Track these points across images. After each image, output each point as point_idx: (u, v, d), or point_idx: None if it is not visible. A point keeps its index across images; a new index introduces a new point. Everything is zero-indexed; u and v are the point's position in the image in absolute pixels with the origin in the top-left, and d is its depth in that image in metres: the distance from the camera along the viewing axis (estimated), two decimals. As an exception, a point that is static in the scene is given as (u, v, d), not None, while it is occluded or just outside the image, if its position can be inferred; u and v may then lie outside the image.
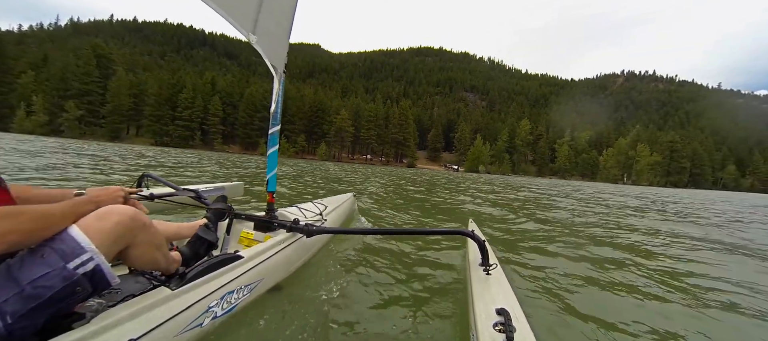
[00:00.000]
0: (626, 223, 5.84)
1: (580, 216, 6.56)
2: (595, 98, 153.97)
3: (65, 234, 0.80)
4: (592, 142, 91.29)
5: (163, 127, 63.45)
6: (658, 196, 18.44)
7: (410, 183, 13.84)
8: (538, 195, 12.20)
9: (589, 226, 5.21)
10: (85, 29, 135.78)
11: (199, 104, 65.30)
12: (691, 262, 3.18)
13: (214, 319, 1.19)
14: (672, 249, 3.75)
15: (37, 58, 71.68)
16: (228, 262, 1.32)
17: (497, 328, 0.94)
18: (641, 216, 7.33)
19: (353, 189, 8.10)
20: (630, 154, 75.66)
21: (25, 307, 0.71)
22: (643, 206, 10.19)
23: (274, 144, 1.97)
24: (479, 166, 76.62)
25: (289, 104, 73.41)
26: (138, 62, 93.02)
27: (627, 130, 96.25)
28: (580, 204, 9.30)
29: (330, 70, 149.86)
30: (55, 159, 9.48)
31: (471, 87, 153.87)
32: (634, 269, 2.74)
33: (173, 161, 14.66)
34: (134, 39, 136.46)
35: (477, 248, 1.52)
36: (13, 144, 15.90)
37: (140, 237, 0.95)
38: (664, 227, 5.62)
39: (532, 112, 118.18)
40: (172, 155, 20.99)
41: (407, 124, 79.17)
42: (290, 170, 15.87)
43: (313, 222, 2.04)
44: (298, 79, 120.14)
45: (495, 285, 1.30)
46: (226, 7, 1.36)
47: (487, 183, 20.94)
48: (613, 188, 31.07)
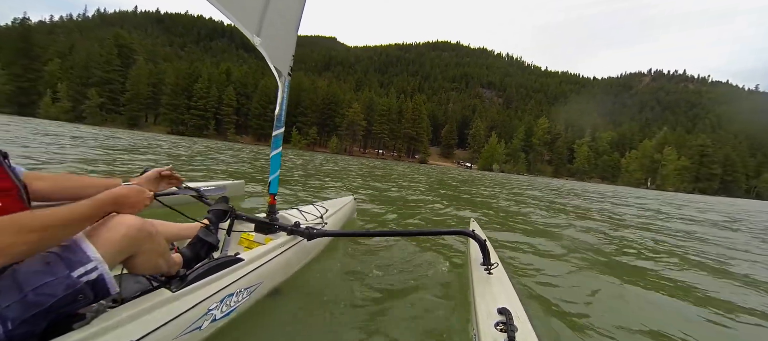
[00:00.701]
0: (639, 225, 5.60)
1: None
2: (619, 98, 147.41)
3: (73, 244, 0.81)
4: (614, 144, 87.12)
5: (179, 116, 64.74)
6: (690, 202, 16.97)
7: (388, 180, 12.74)
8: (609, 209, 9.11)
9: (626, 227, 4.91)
10: (111, 20, 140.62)
11: (214, 94, 66.18)
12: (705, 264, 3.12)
13: (213, 322, 1.19)
14: (683, 251, 3.70)
15: (64, 47, 74.41)
16: (228, 265, 1.33)
17: (499, 328, 0.94)
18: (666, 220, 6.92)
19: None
20: (655, 158, 71.15)
21: (27, 313, 0.71)
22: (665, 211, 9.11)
23: (278, 146, 1.96)
24: (493, 165, 74.57)
25: (303, 96, 73.47)
26: (158, 52, 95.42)
27: (652, 131, 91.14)
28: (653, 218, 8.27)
29: (345, 64, 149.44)
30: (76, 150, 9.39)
31: (488, 83, 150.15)
32: (637, 269, 2.71)
33: (188, 152, 14.41)
34: (156, 30, 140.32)
35: (478, 248, 1.54)
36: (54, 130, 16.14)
37: (146, 246, 0.96)
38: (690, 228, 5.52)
39: (550, 110, 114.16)
40: (184, 145, 21.08)
41: (420, 119, 77.82)
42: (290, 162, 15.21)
43: (313, 225, 2.04)
44: (313, 72, 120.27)
45: (496, 284, 1.30)
46: (230, 7, 1.34)
47: (521, 187, 18.36)
48: (653, 196, 29.22)
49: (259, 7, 1.52)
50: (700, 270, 3.01)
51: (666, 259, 3.28)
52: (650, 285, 2.39)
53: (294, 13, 1.87)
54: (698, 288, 2.43)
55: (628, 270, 2.68)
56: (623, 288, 2.28)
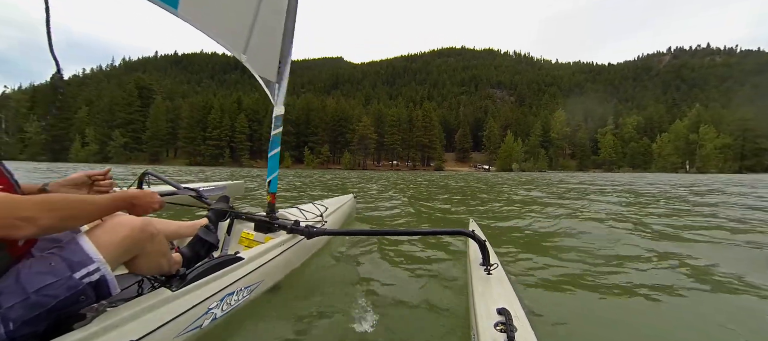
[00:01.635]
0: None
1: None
2: (638, 81, 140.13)
3: (75, 245, 0.82)
4: (641, 129, 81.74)
5: (195, 148, 67.06)
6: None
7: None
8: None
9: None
10: (135, 66, 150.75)
11: (226, 123, 68.19)
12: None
13: (214, 320, 1.20)
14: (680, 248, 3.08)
15: (92, 95, 79.66)
16: (228, 264, 1.34)
17: (498, 328, 0.94)
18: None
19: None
20: (691, 138, 65.51)
21: (29, 314, 0.72)
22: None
23: (276, 147, 1.98)
24: (512, 164, 71.63)
25: (312, 116, 74.35)
26: (176, 90, 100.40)
27: (681, 112, 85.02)
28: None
29: (353, 81, 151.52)
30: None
31: (497, 83, 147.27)
32: (639, 270, 2.50)
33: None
34: (175, 70, 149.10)
35: (477, 248, 1.54)
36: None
37: (148, 247, 0.97)
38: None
39: (566, 102, 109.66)
40: (204, 173, 21.11)
41: (432, 127, 76.59)
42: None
43: (313, 223, 2.05)
44: (322, 92, 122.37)
45: (496, 284, 1.30)
46: (219, 34, 1.46)
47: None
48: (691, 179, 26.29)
49: (245, 29, 1.62)
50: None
51: (674, 257, 2.73)
52: (653, 285, 2.12)
53: (279, 24, 1.89)
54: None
55: (633, 271, 2.41)
56: (627, 288, 2.10)
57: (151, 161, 64.92)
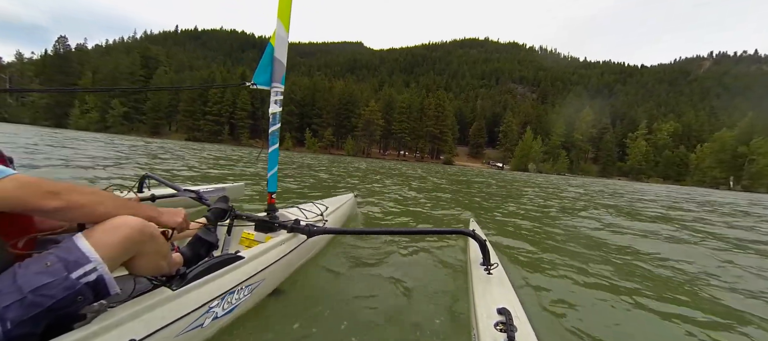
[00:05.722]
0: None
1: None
2: (675, 86, 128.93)
3: (71, 244, 0.82)
4: (677, 137, 73.96)
5: (194, 122, 64.64)
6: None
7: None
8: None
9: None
10: (155, 39, 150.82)
11: (228, 98, 65.28)
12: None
13: (215, 320, 1.20)
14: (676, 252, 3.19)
15: (99, 63, 78.28)
16: (229, 263, 1.34)
17: (498, 328, 0.94)
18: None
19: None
20: (740, 151, 57.43)
21: (26, 314, 0.72)
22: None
23: (275, 142, 1.99)
24: (529, 164, 65.96)
25: (317, 97, 70.57)
26: (192, 64, 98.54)
27: (722, 122, 76.10)
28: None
29: (370, 66, 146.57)
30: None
31: (520, 78, 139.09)
32: (640, 270, 2.61)
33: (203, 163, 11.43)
34: (194, 45, 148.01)
35: (478, 248, 1.54)
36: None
37: (147, 248, 0.96)
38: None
39: (592, 103, 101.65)
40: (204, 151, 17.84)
41: (444, 117, 71.45)
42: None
43: (313, 222, 2.06)
44: (337, 76, 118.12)
45: (496, 284, 1.30)
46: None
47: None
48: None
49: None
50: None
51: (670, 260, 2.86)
52: (653, 287, 2.21)
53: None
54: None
55: (633, 272, 2.51)
56: (627, 288, 2.18)
57: (151, 134, 63.06)
